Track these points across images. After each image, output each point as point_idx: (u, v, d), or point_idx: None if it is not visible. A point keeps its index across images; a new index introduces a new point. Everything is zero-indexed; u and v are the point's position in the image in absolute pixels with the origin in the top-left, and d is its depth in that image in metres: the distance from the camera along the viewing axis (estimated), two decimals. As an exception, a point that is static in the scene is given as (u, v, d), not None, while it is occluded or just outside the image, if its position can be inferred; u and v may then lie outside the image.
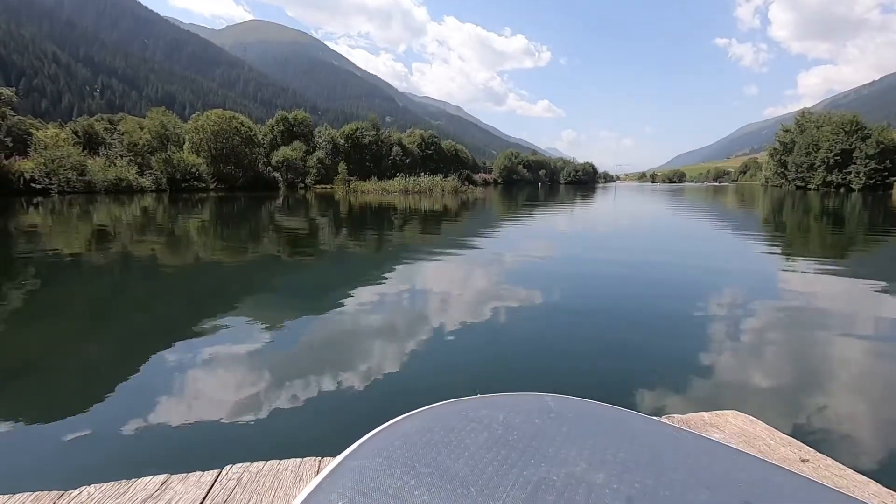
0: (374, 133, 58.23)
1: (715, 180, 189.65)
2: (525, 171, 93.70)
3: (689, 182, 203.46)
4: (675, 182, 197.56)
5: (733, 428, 1.13)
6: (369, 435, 0.38)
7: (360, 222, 16.01)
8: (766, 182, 72.66)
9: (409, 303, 4.54)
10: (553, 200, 31.40)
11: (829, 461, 0.96)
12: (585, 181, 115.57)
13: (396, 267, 6.59)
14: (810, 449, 1.01)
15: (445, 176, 45.77)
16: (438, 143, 69.39)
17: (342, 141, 55.25)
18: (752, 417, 1.18)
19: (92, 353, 3.54)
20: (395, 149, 59.95)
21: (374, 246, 9.06)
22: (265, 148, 46.59)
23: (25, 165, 27.64)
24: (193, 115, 42.56)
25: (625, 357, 3.12)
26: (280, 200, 27.25)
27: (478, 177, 72.82)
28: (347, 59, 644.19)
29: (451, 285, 5.35)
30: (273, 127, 52.26)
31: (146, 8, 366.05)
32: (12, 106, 29.39)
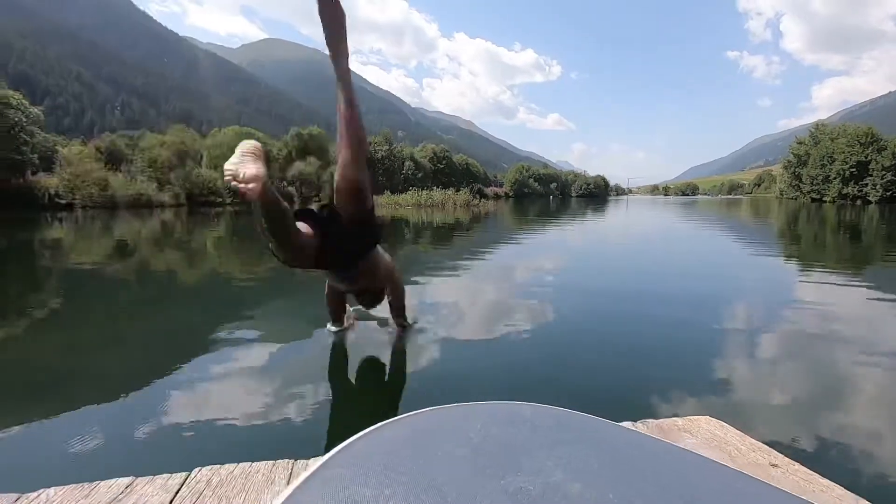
0: (387, 148, 59.05)
1: (729, 193, 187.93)
2: (536, 184, 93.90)
3: (702, 195, 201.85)
4: (687, 195, 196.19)
5: (705, 433, 1.16)
6: (346, 443, 0.37)
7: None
8: (781, 194, 71.98)
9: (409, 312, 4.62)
10: (564, 214, 31.50)
11: (797, 466, 0.99)
12: (597, 194, 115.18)
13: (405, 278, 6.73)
14: (779, 454, 1.05)
15: (457, 190, 46.12)
16: (450, 158, 70.07)
17: (355, 156, 56.08)
18: (723, 423, 1.22)
19: (65, 358, 3.59)
20: (408, 163, 60.67)
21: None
22: (280, 163, 47.47)
23: (51, 182, 28.55)
24: (212, 132, 43.63)
25: (625, 366, 3.24)
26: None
27: (489, 190, 73.19)
28: (360, 76, 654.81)
29: (458, 295, 5.49)
30: (288, 143, 53.26)
31: (165, 28, 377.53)
32: (39, 125, 30.42)
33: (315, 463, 0.36)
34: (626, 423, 1.23)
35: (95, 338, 4.16)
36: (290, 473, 1.00)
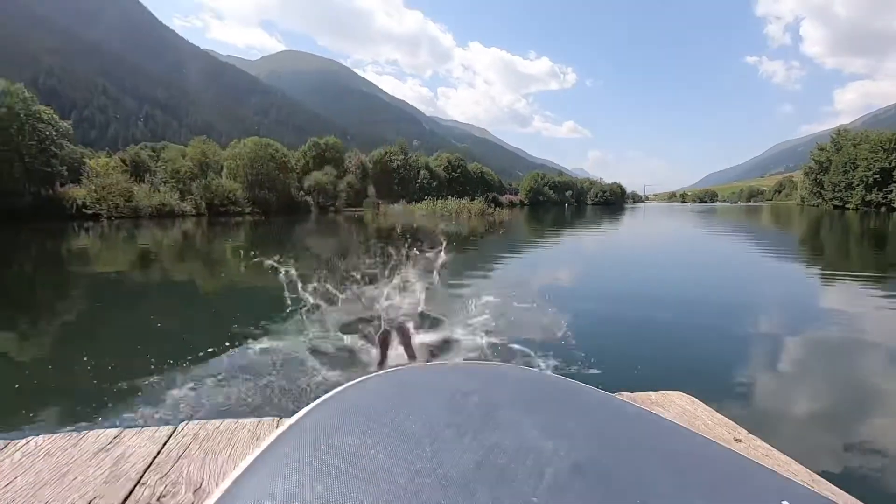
0: (402, 157, 59.60)
1: (748, 200, 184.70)
2: (551, 192, 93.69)
3: (720, 202, 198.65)
4: (706, 202, 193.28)
5: (676, 408, 1.20)
6: (331, 393, 0.38)
7: (387, 244, 16.43)
8: (802, 201, 70.63)
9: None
10: (579, 222, 31.41)
11: (759, 442, 1.04)
12: (613, 202, 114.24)
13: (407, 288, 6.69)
14: (742, 430, 1.10)
15: (472, 198, 46.28)
16: (465, 166, 70.38)
17: (371, 165, 56.73)
18: (694, 398, 1.27)
19: (71, 327, 3.86)
20: (423, 172, 61.12)
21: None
22: (298, 173, 48.24)
23: (78, 193, 29.48)
24: (231, 143, 44.60)
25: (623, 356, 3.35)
26: (311, 223, 28.16)
27: (504, 198, 73.20)
28: (376, 86, 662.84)
29: (471, 304, 5.58)
30: (305, 153, 54.15)
31: (187, 41, 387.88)
32: (68, 138, 31.49)
33: (300, 412, 0.36)
34: None
35: (104, 331, 4.40)
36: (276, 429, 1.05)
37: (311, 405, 0.35)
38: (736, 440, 1.03)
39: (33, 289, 7.51)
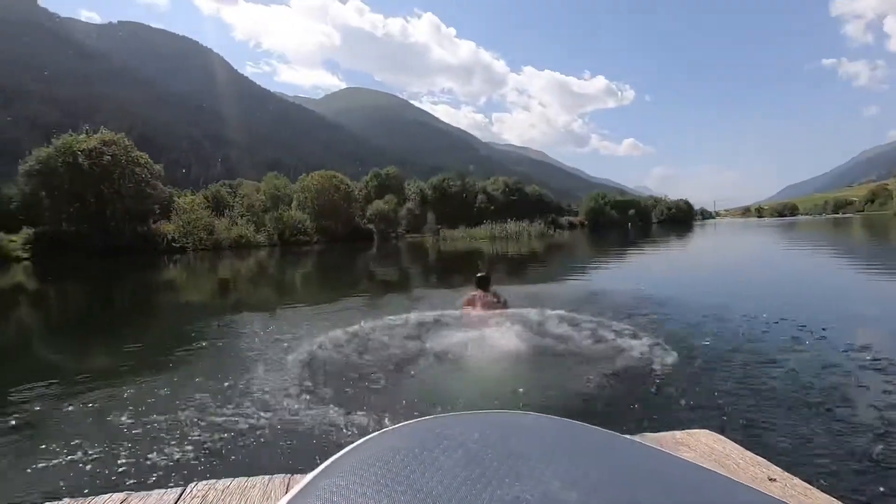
0: (460, 183, 60.58)
1: (835, 212, 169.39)
2: (613, 211, 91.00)
3: (802, 215, 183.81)
4: (785, 216, 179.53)
5: (704, 447, 1.15)
6: (342, 452, 0.38)
7: (447, 268, 16.76)
8: (901, 211, 63.94)
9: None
10: (643, 241, 30.32)
11: (796, 480, 0.98)
12: (680, 219, 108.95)
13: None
14: (777, 468, 1.04)
15: (531, 221, 46.02)
16: (522, 189, 70.29)
17: (430, 192, 58.08)
18: (722, 437, 1.21)
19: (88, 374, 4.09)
20: (480, 196, 61.69)
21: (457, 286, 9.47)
22: (361, 202, 50.32)
23: (168, 228, 32.50)
24: (300, 177, 47.48)
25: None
26: (374, 250, 29.16)
27: (564, 220, 72.10)
28: (431, 115, 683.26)
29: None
30: (368, 183, 56.51)
31: (258, 86, 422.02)
32: (160, 179, 34.93)
33: (311, 474, 0.36)
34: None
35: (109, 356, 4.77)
36: (287, 488, 0.98)
37: (322, 466, 0.36)
38: (770, 479, 0.99)
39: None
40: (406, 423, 0.41)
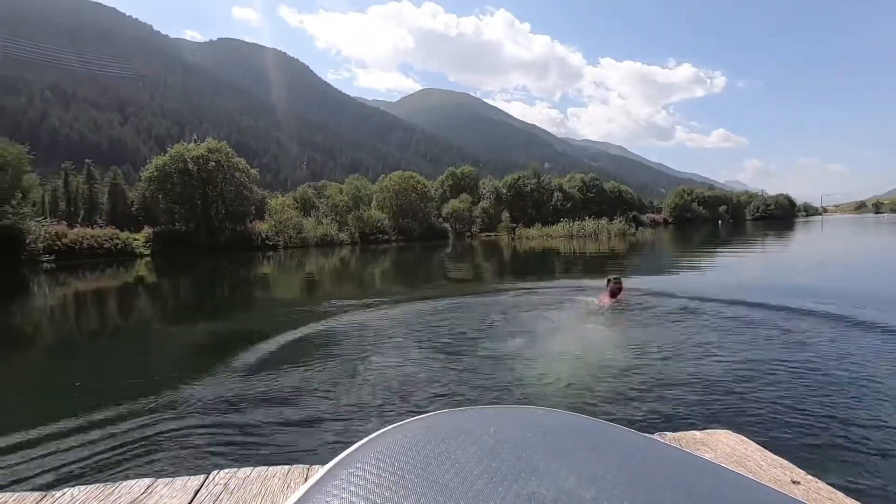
0: (535, 181, 59.73)
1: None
2: (700, 208, 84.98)
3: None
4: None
5: (724, 448, 1.13)
6: (360, 443, 0.38)
7: (523, 266, 16.79)
8: None
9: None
10: (735, 239, 28.20)
11: (820, 484, 0.95)
12: (779, 216, 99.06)
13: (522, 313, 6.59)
14: (800, 471, 1.01)
15: (611, 219, 44.35)
16: (600, 186, 67.81)
17: (505, 190, 57.87)
18: (743, 437, 1.19)
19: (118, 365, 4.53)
20: (556, 194, 60.40)
21: (541, 283, 9.46)
22: (436, 201, 51.32)
23: (262, 227, 35.40)
24: (379, 178, 49.43)
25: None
26: (449, 249, 29.73)
27: (646, 217, 68.60)
28: (505, 112, 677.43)
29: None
30: (443, 182, 57.46)
31: (339, 91, 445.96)
32: (257, 182, 38.05)
33: (329, 464, 0.37)
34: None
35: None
36: (306, 478, 0.97)
37: (340, 457, 0.36)
38: (794, 482, 0.96)
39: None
40: (423, 416, 0.41)
